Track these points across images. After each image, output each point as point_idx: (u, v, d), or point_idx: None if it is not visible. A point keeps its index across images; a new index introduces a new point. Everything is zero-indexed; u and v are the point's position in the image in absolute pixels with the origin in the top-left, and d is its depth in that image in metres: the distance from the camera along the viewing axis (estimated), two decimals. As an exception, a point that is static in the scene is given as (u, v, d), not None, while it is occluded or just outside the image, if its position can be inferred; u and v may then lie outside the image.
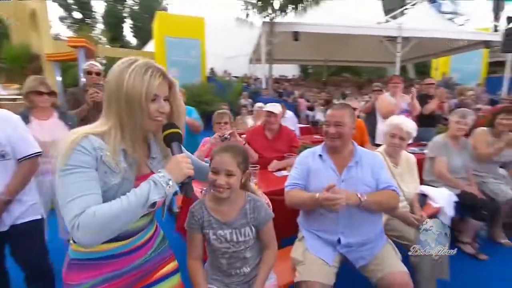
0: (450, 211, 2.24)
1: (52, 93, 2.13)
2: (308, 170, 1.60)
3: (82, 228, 0.76)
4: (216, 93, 11.36)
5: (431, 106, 3.83)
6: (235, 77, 13.27)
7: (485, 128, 2.81)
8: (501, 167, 2.82)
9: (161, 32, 12.76)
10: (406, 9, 12.29)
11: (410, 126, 1.99)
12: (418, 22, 10.97)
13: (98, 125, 0.89)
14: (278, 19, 9.34)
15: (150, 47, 18.42)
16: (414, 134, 2.03)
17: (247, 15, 9.64)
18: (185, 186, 0.90)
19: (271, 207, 1.33)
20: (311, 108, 9.42)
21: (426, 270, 1.68)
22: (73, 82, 10.11)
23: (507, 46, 6.76)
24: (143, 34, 31.91)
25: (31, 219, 1.59)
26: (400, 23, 10.14)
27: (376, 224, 1.57)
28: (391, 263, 1.43)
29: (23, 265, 1.64)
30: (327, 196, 1.32)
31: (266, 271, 1.26)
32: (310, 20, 9.62)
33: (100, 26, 28.94)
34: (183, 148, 0.98)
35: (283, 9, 9.13)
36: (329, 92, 11.96)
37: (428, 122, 3.87)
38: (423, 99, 3.89)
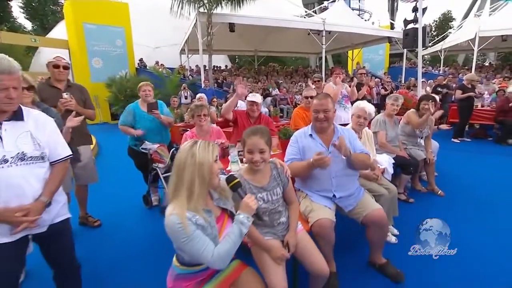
0: (390, 170, 3.07)
1: (31, 88, 2.07)
2: (302, 147, 2.09)
3: (218, 263, 1.29)
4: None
5: (363, 91, 4.79)
6: (170, 68, 12.83)
7: (414, 110, 3.78)
8: (421, 138, 3.86)
9: (77, 18, 11.43)
10: (323, 3, 13.83)
11: (371, 109, 2.71)
12: (337, 17, 12.58)
13: (176, 200, 1.27)
14: (214, 10, 9.51)
15: (58, 33, 16.05)
16: (373, 115, 2.72)
17: (182, 5, 9.49)
18: (255, 213, 1.46)
19: (287, 168, 1.75)
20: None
21: (386, 211, 2.37)
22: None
23: (407, 44, 8.55)
24: (41, 17, 27.31)
25: (65, 217, 1.65)
26: (324, 18, 11.45)
27: (355, 182, 2.17)
28: (371, 205, 2.04)
29: (55, 264, 1.68)
30: (318, 157, 1.80)
31: (295, 219, 1.71)
32: (242, 12, 10.08)
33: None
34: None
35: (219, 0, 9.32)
36: (264, 82, 12.75)
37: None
38: (357, 86, 4.80)
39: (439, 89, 8.15)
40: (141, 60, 13.87)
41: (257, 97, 3.00)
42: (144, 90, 3.27)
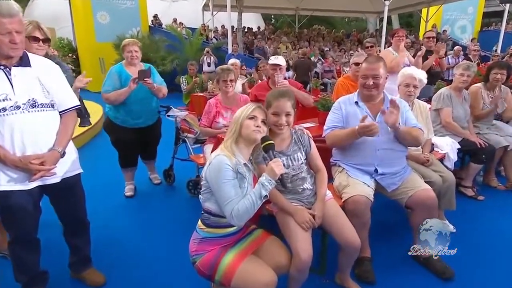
0: (454, 156, 3.25)
1: (46, 40, 2.46)
2: (346, 115, 2.37)
3: (236, 219, 1.62)
4: (167, 49, 11.47)
5: (429, 62, 4.86)
6: (190, 28, 13.31)
7: (479, 84, 3.85)
8: (495, 118, 3.93)
9: (79, -39, 11.95)
10: None
11: (421, 74, 2.87)
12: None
13: (224, 144, 1.73)
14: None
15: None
16: (425, 81, 2.92)
17: None
18: (280, 179, 1.67)
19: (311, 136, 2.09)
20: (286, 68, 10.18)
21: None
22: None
23: (505, -4, 8.04)
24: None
25: (77, 172, 2.08)
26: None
27: (402, 159, 2.42)
28: (419, 185, 2.29)
29: (66, 218, 2.15)
30: (364, 125, 2.06)
31: (323, 188, 2.03)
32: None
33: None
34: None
35: None
36: (306, 48, 12.85)
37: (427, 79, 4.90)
38: (424, 54, 4.88)
39: None
40: (155, 16, 14.51)
41: (279, 59, 3.33)
42: (129, 50, 3.29)
